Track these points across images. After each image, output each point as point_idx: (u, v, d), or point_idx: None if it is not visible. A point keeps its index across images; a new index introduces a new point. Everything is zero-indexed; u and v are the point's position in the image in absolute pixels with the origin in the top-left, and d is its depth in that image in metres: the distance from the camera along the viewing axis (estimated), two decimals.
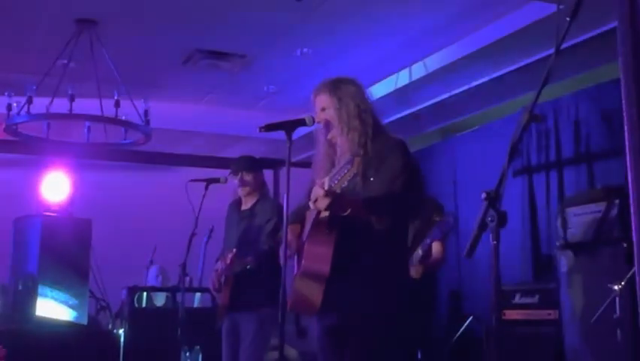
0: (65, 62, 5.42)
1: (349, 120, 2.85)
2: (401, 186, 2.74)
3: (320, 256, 2.77)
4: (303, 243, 2.89)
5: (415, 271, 4.27)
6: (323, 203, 2.62)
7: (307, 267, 2.81)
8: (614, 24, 1.39)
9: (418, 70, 6.29)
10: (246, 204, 4.54)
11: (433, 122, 7.50)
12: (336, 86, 2.93)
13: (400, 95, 6.57)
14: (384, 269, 2.76)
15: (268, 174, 8.89)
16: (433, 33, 5.61)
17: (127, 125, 5.43)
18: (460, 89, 6.49)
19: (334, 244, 2.75)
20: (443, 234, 4.38)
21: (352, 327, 2.76)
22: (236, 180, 4.49)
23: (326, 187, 2.62)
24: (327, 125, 2.91)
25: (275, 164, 8.76)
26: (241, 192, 4.52)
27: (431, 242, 4.31)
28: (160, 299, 6.72)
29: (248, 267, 4.21)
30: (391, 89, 6.52)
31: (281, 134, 2.92)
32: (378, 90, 6.39)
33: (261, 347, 4.29)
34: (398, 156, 2.82)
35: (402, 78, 6.47)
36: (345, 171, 2.59)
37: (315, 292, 2.76)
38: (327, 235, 2.78)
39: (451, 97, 6.68)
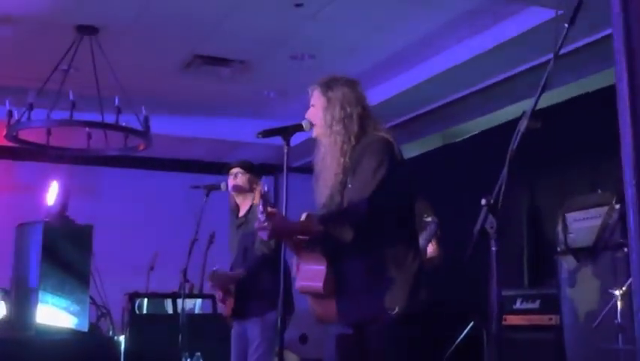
0: (66, 68, 5.44)
1: (332, 123, 2.82)
2: (371, 193, 2.67)
3: (313, 273, 2.79)
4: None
5: None
6: (265, 234, 2.64)
7: (304, 286, 2.84)
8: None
9: (418, 74, 6.30)
10: (242, 211, 4.53)
11: (433, 126, 7.50)
12: (329, 86, 2.90)
13: (401, 100, 6.58)
14: (381, 275, 2.74)
15: (269, 181, 8.91)
16: (433, 38, 5.63)
17: (127, 131, 5.44)
18: (460, 94, 6.50)
19: (325, 259, 2.76)
20: (428, 242, 4.39)
21: (365, 337, 2.75)
22: (230, 180, 4.47)
23: (262, 218, 2.60)
24: (312, 123, 2.90)
25: (274, 170, 8.76)
26: (234, 193, 4.50)
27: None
28: (170, 306, 6.68)
29: (241, 277, 4.24)
30: (392, 93, 6.52)
31: (281, 140, 2.91)
32: (379, 94, 6.40)
33: (267, 350, 4.30)
34: (371, 156, 2.72)
35: (402, 82, 6.48)
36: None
37: (328, 308, 2.80)
38: (312, 252, 2.80)
39: (451, 102, 6.69)
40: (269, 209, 2.59)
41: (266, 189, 2.64)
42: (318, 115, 2.87)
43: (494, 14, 5.18)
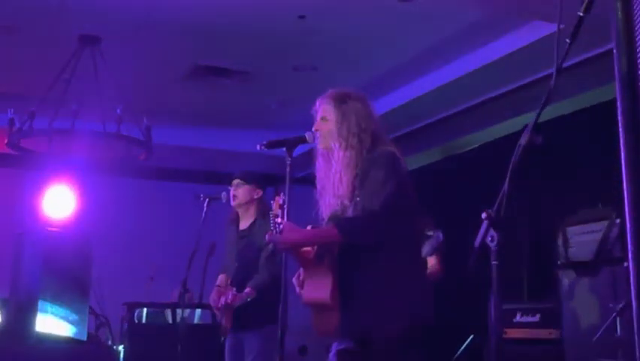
0: (68, 77, 5.44)
1: (348, 137, 2.83)
2: (380, 204, 2.68)
3: (319, 285, 2.79)
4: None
5: None
6: (278, 243, 2.70)
7: (310, 298, 2.84)
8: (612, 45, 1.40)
9: (419, 87, 6.31)
10: (244, 223, 4.51)
11: (434, 139, 7.51)
12: (342, 99, 2.91)
13: (402, 112, 6.59)
14: (387, 288, 2.73)
15: (269, 191, 8.89)
16: (434, 51, 5.64)
17: (128, 140, 5.44)
18: (462, 107, 6.51)
19: (331, 272, 2.77)
20: (434, 250, 4.38)
21: (368, 351, 2.74)
22: (231, 190, 4.47)
23: (280, 228, 2.64)
24: (321, 136, 2.90)
25: (276, 181, 8.75)
26: (235, 205, 4.49)
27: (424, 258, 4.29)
28: (169, 316, 6.66)
29: (248, 299, 4.21)
30: (393, 105, 6.53)
31: (282, 151, 2.93)
32: (380, 106, 6.40)
33: None
34: (379, 170, 2.75)
35: (403, 95, 6.49)
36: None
37: (331, 322, 2.80)
38: (320, 265, 2.80)
39: (452, 115, 6.70)
40: (280, 220, 2.62)
41: (281, 201, 2.66)
42: (329, 128, 2.87)
43: (495, 28, 5.19)
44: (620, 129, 1.22)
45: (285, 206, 2.79)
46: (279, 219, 2.63)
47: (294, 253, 2.82)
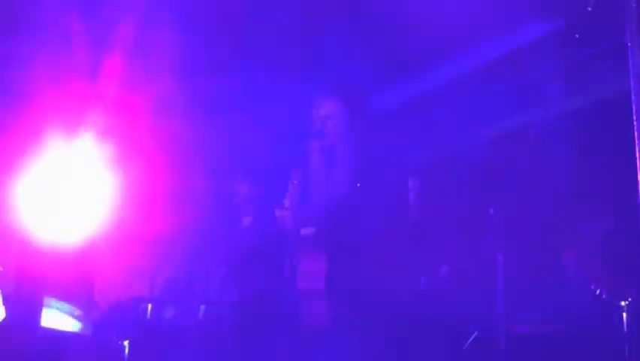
0: None
1: (353, 132, 2.85)
2: (381, 197, 2.71)
3: (313, 273, 2.81)
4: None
5: None
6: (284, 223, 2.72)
7: (305, 286, 2.86)
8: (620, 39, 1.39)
9: (422, 83, 6.30)
10: (248, 218, 4.52)
11: (436, 134, 7.48)
12: (349, 97, 2.92)
13: (403, 111, 6.58)
14: (379, 280, 2.76)
15: (272, 188, 8.86)
16: (436, 47, 5.62)
17: None
18: (466, 105, 6.49)
19: (326, 261, 2.79)
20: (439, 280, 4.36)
21: (363, 341, 2.76)
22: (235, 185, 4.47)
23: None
24: (325, 133, 2.91)
25: (279, 175, 8.73)
26: (238, 200, 4.49)
27: None
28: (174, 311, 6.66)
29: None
30: (394, 103, 6.52)
31: (286, 146, 2.94)
32: (382, 102, 6.39)
33: None
34: (382, 166, 2.79)
35: (406, 93, 6.48)
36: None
37: (321, 308, 2.81)
38: (316, 254, 2.82)
39: (455, 110, 6.68)
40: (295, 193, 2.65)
41: (296, 182, 2.69)
42: (334, 124, 2.88)
43: (502, 23, 5.18)
44: (635, 123, 1.22)
45: (298, 188, 2.79)
46: (294, 193, 2.66)
47: (295, 235, 2.84)
